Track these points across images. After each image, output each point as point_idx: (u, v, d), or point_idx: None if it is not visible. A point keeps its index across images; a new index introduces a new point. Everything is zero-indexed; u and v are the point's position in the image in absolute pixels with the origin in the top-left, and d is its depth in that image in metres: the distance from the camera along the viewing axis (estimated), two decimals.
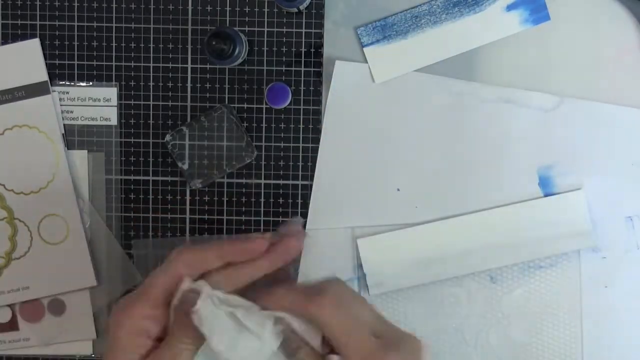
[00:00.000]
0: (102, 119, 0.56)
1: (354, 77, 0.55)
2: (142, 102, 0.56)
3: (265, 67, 0.55)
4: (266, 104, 0.56)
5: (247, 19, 0.55)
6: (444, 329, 0.55)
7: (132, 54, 0.56)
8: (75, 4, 0.55)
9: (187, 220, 0.56)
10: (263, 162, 0.56)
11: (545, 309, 0.55)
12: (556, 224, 0.54)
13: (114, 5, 0.55)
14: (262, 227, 0.56)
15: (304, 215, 0.56)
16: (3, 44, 0.55)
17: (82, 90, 0.56)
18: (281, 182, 0.56)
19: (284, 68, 0.55)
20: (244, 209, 0.56)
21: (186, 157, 0.56)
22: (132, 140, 0.56)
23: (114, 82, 0.56)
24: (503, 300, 0.55)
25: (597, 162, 0.54)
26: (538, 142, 0.54)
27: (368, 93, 0.55)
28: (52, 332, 0.57)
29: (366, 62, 0.55)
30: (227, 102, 0.56)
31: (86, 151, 0.56)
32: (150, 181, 0.56)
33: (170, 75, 0.56)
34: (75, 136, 0.56)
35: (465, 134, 0.55)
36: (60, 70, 0.56)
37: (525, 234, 0.54)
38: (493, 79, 0.55)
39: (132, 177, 0.56)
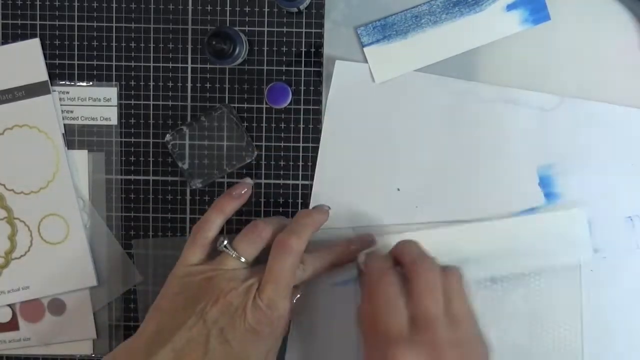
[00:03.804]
0: (102, 118, 0.56)
1: (354, 77, 0.55)
2: (142, 102, 0.56)
3: (265, 67, 0.55)
4: (266, 103, 0.56)
5: (247, 19, 0.55)
6: None
7: (132, 54, 0.56)
8: (75, 4, 0.55)
9: (187, 220, 0.56)
10: (263, 162, 0.56)
11: (545, 309, 0.55)
12: (555, 240, 0.54)
13: (114, 5, 0.55)
14: None
15: None
16: (3, 44, 0.55)
17: (82, 90, 0.56)
18: (281, 182, 0.56)
19: (284, 68, 0.55)
20: (244, 208, 0.56)
21: (186, 157, 0.56)
22: (132, 140, 0.56)
23: (114, 82, 0.56)
24: (503, 301, 0.55)
25: (597, 162, 0.54)
26: (538, 141, 0.54)
27: (368, 93, 0.55)
28: (52, 332, 0.57)
29: (366, 62, 0.55)
30: (227, 102, 0.56)
31: (86, 151, 0.56)
32: (150, 181, 0.56)
33: (170, 75, 0.56)
34: (75, 136, 0.56)
35: (465, 133, 0.55)
36: (60, 70, 0.56)
37: (523, 248, 0.54)
38: (493, 79, 0.55)
39: (132, 177, 0.56)
